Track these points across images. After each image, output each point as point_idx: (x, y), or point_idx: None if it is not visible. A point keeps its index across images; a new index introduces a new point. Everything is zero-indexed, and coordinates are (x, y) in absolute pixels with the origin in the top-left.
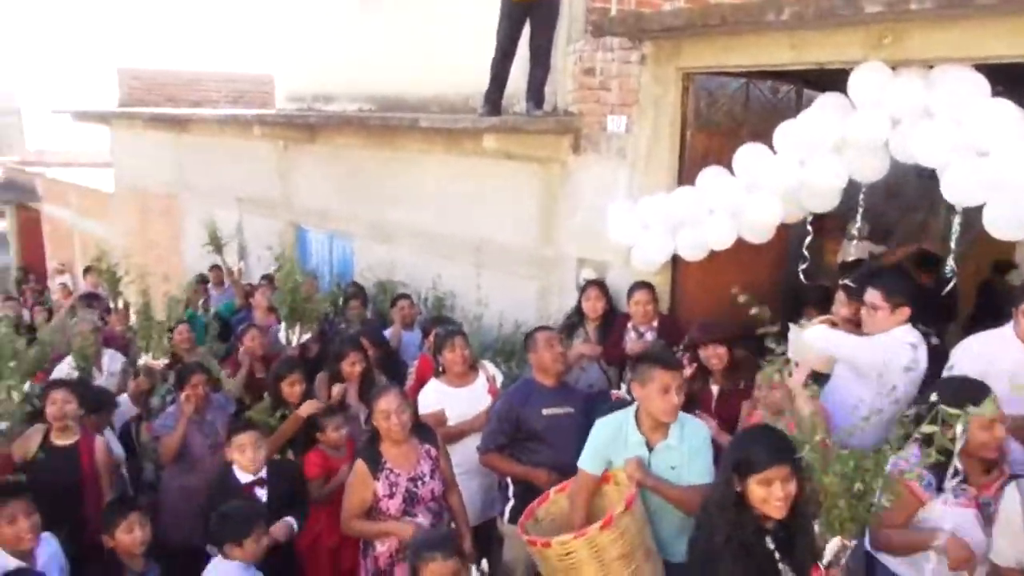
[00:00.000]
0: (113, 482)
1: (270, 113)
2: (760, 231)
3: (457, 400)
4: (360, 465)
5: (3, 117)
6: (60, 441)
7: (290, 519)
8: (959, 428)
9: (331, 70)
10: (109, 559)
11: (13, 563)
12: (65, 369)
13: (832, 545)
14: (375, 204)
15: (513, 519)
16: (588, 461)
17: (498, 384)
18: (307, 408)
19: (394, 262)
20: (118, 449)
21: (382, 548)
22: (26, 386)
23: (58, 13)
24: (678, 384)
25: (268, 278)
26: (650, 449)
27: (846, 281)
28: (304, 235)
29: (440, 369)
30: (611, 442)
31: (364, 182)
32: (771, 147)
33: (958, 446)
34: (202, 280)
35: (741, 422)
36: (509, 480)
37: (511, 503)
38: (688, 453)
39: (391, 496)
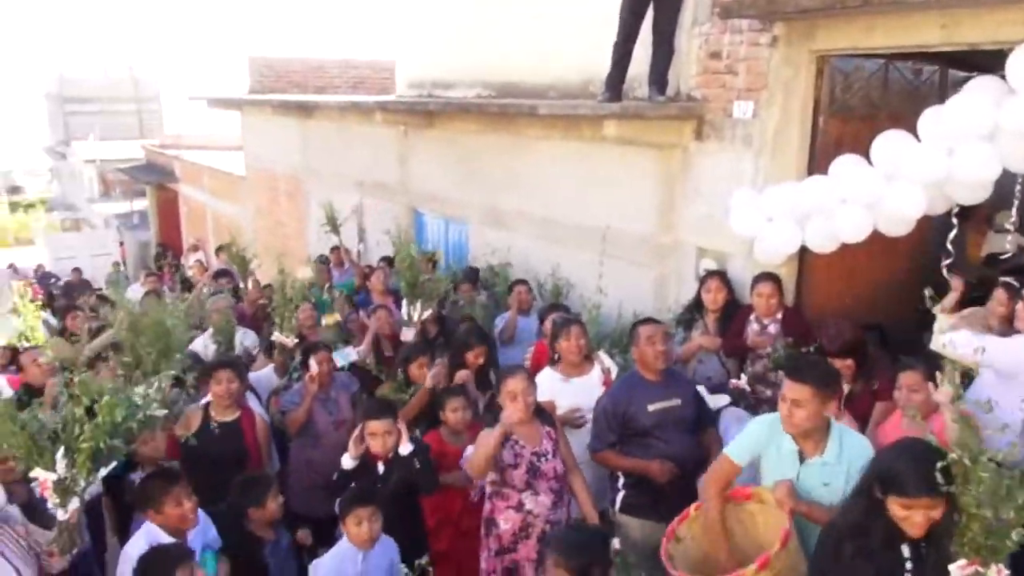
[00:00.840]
0: (271, 455)
1: (391, 100)
2: (899, 223)
3: (570, 390)
4: (484, 431)
5: (145, 104)
6: (222, 418)
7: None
8: None
9: (450, 56)
10: (247, 529)
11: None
12: (200, 345)
13: (956, 569)
14: (491, 190)
15: (624, 509)
16: (736, 451)
17: (613, 376)
18: (432, 379)
19: (508, 248)
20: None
21: (505, 526)
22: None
23: (195, 6)
24: (800, 397)
25: (387, 260)
26: (801, 461)
27: (1008, 280)
28: (421, 219)
29: (555, 357)
30: (765, 442)
31: (480, 168)
32: (914, 134)
33: None
34: (324, 261)
35: (874, 423)
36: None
37: (621, 493)
38: (847, 472)
39: (515, 467)
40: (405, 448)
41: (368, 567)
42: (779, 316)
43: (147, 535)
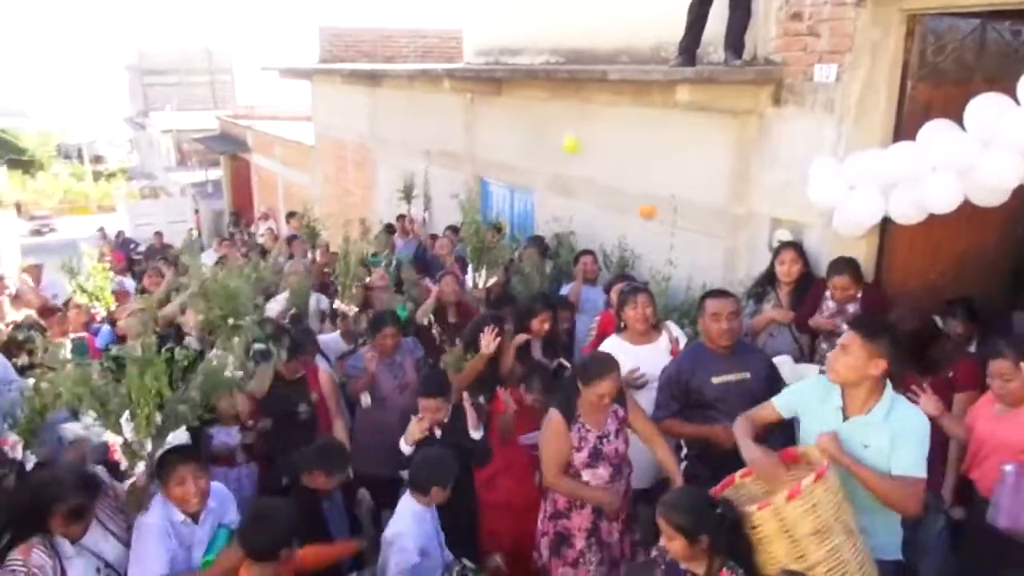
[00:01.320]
0: (340, 409)
1: (459, 67)
2: (994, 193)
3: (636, 358)
4: (557, 417)
5: (218, 75)
6: (289, 376)
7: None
8: None
9: (518, 23)
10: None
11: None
12: (275, 308)
13: None
14: (557, 158)
15: (685, 481)
16: (781, 400)
17: (681, 346)
18: (487, 347)
19: (574, 217)
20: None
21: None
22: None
23: None
24: (847, 343)
25: (452, 228)
26: (845, 418)
27: None
28: (486, 188)
29: (622, 325)
30: (811, 397)
31: (547, 135)
32: (1013, 98)
33: None
34: (389, 230)
35: (957, 413)
36: (682, 442)
37: (683, 464)
38: (892, 438)
39: (579, 449)
40: (476, 433)
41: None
42: (858, 296)
43: (161, 507)
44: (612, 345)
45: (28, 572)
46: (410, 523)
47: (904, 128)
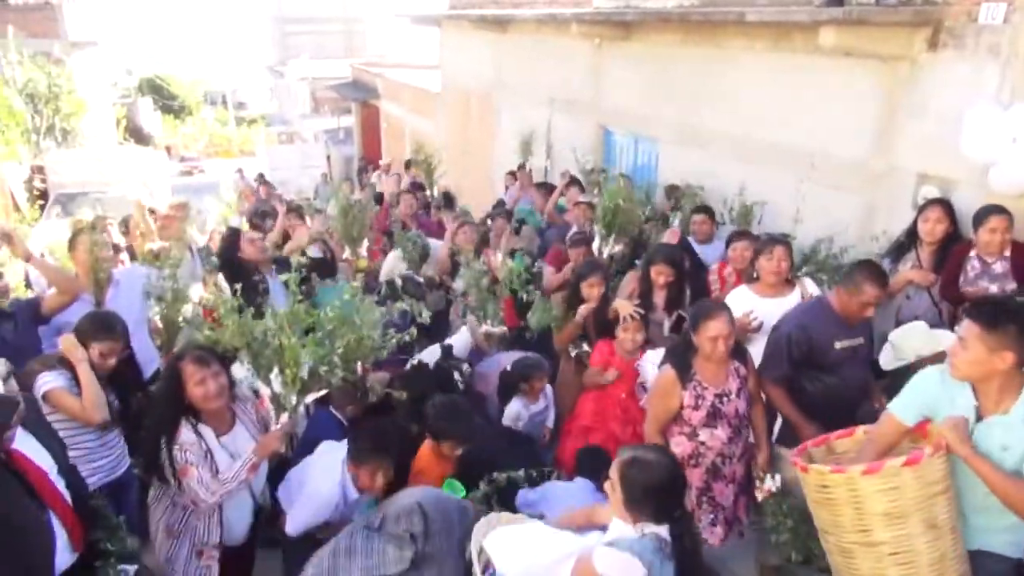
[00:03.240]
0: None
1: (587, 11)
2: None
3: (765, 309)
4: (669, 372)
5: (351, 24)
6: None
7: None
8: None
9: None
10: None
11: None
12: (391, 261)
13: None
14: (686, 106)
15: (780, 439)
16: (902, 408)
17: None
18: (582, 315)
19: (700, 168)
20: None
21: (676, 450)
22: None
23: None
24: (965, 335)
25: (575, 181)
26: (979, 418)
27: None
28: (609, 137)
29: (755, 275)
30: (935, 396)
31: (676, 82)
32: None
33: None
34: (513, 176)
35: None
36: None
37: (779, 423)
38: None
39: (696, 408)
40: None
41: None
42: (1007, 254)
43: (341, 473)
44: (739, 294)
45: (181, 447)
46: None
47: None
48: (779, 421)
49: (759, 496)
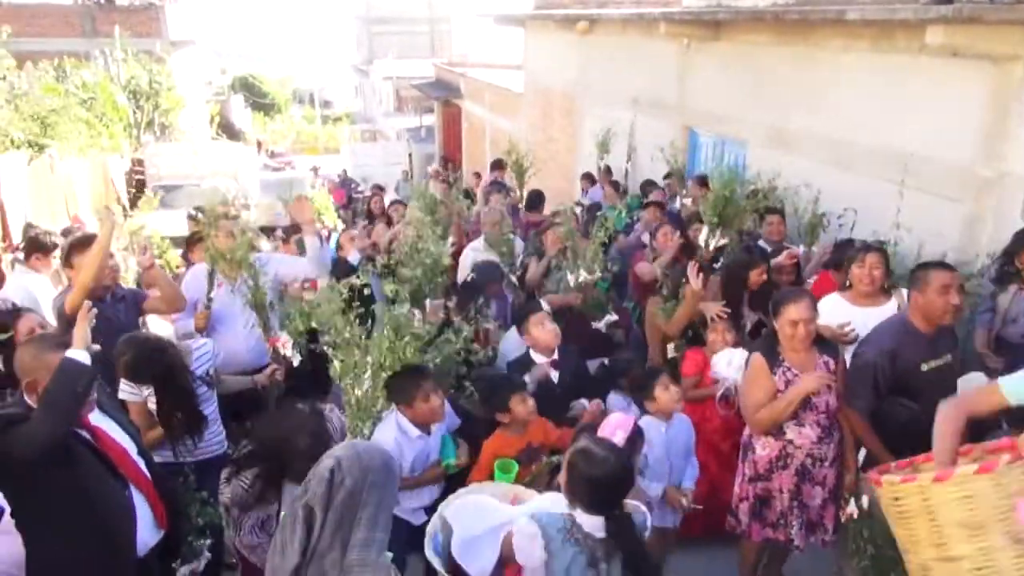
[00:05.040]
0: None
1: (676, 11)
2: None
3: (859, 320)
4: (757, 358)
5: (436, 24)
6: None
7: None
8: None
9: None
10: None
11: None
12: (471, 255)
13: None
14: (777, 108)
15: (866, 467)
16: (1010, 383)
17: None
18: (696, 282)
19: (788, 172)
20: None
21: (762, 453)
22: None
23: None
24: None
25: (701, 179)
26: None
27: None
28: (695, 139)
29: (847, 284)
30: None
31: (767, 84)
32: None
33: None
34: (589, 179)
35: None
36: None
37: (863, 451)
38: None
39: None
40: None
41: (671, 435)
42: None
43: (393, 424)
44: (831, 301)
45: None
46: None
47: None
48: (863, 451)
49: (843, 517)
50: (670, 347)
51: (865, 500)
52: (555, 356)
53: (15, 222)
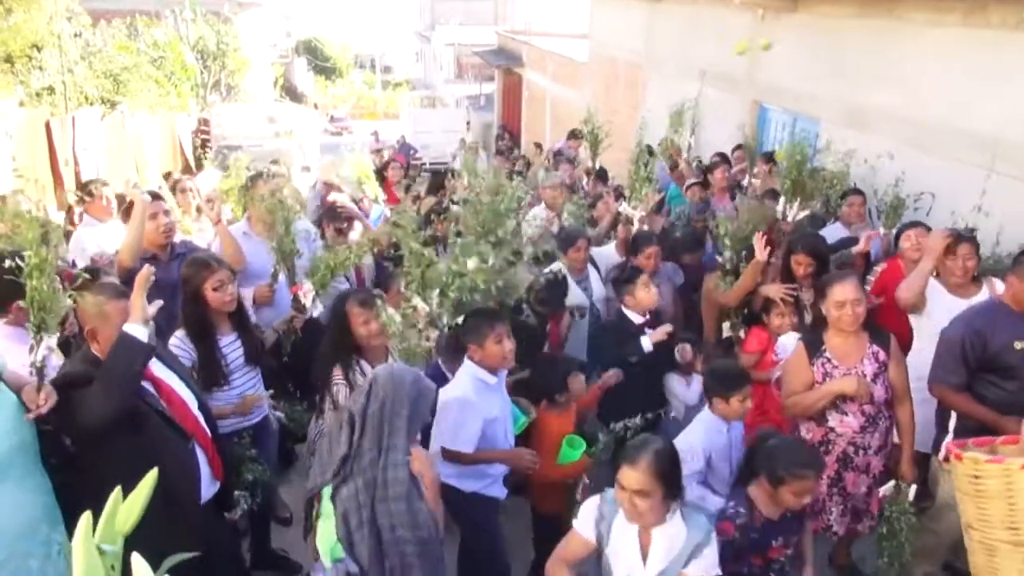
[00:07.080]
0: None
1: None
2: None
3: (951, 307)
4: (799, 346)
5: None
6: None
7: None
8: None
9: None
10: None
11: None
12: (537, 219)
13: None
14: (854, 84)
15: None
16: None
17: None
18: (759, 262)
19: (862, 151)
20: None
21: (806, 436)
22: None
23: None
24: None
25: (768, 156)
26: None
27: None
28: (764, 114)
29: (936, 272)
30: None
31: (845, 58)
32: None
33: None
34: (650, 151)
35: None
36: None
37: (949, 437)
38: None
39: (822, 384)
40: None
41: (733, 436)
42: None
43: (469, 374)
44: (936, 289)
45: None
46: (699, 428)
47: None
48: (948, 437)
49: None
50: (725, 326)
51: (913, 489)
52: (647, 317)
53: (89, 176)
